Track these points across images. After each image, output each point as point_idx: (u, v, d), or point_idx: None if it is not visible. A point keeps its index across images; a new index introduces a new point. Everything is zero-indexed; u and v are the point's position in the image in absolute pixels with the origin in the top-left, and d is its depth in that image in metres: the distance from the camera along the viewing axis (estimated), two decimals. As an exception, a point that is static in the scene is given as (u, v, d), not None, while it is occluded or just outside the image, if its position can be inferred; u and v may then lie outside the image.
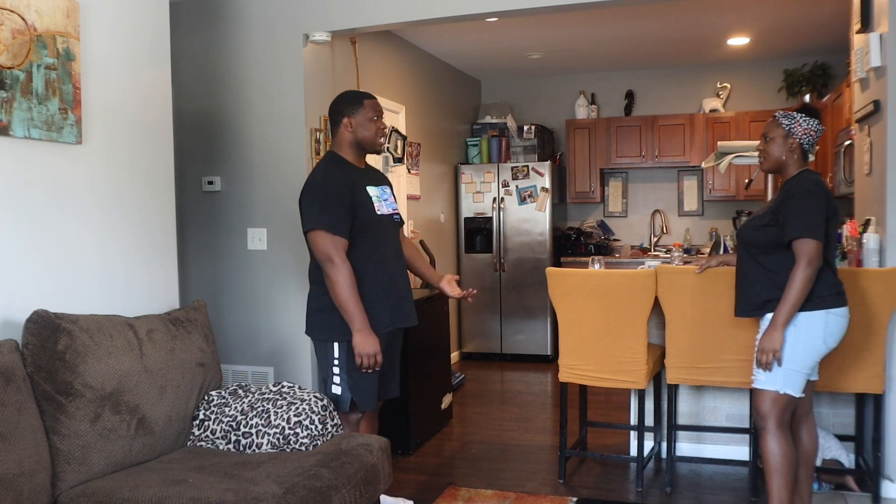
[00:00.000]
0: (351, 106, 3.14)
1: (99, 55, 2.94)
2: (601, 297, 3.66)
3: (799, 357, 2.89)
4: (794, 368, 2.89)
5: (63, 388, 2.46)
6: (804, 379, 2.93)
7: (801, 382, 2.92)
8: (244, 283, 4.33)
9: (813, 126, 2.96)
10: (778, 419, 2.93)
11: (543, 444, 4.57)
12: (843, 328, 2.93)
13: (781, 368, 2.88)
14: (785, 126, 2.97)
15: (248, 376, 4.30)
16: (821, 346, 2.90)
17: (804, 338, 2.88)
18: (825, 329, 2.88)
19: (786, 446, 2.93)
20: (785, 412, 2.94)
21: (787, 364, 2.88)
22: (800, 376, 2.91)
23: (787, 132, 2.96)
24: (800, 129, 2.95)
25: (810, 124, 2.95)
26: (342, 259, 2.96)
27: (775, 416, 2.92)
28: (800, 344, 2.88)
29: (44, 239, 2.70)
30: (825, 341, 2.89)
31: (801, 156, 2.98)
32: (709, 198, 7.24)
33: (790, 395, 2.91)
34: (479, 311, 7.24)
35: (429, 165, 6.61)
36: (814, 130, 2.96)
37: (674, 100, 7.42)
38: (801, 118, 2.96)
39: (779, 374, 2.90)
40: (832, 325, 2.89)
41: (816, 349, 2.91)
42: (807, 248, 2.79)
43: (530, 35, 6.08)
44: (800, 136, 2.95)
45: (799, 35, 6.16)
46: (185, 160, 4.31)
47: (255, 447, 2.81)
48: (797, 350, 2.88)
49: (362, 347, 2.97)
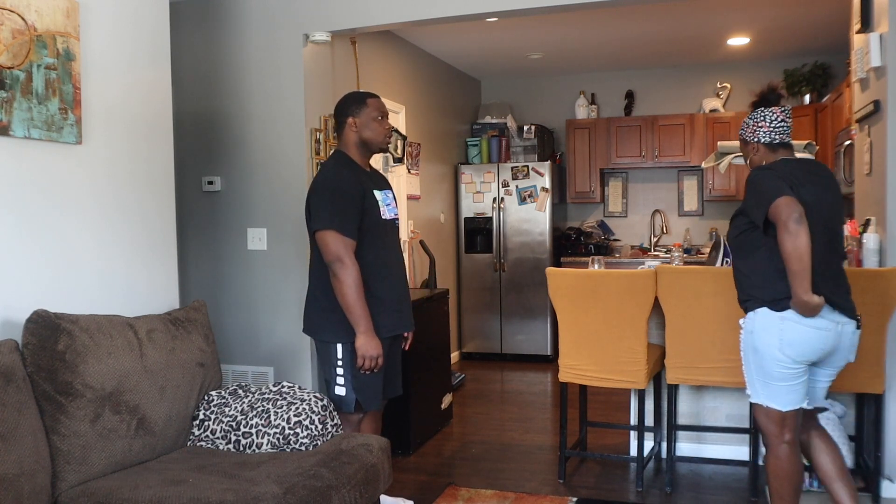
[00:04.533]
0: (355, 106, 3.14)
1: (99, 55, 2.94)
2: (601, 297, 3.66)
3: (765, 365, 2.73)
4: (764, 379, 2.76)
5: (63, 388, 2.46)
6: (785, 392, 2.73)
7: (783, 395, 2.74)
8: (244, 283, 4.33)
9: (764, 120, 2.85)
10: (774, 434, 2.78)
11: (543, 444, 4.57)
12: (806, 338, 2.66)
13: (758, 379, 2.77)
14: (741, 136, 2.96)
15: (248, 376, 4.30)
16: (777, 354, 2.69)
17: (758, 343, 2.73)
18: (780, 336, 2.68)
19: (785, 463, 2.77)
20: (782, 427, 2.77)
21: (756, 374, 2.77)
22: (776, 389, 2.73)
23: (744, 141, 2.95)
24: (750, 132, 2.89)
25: (759, 119, 2.86)
26: (352, 260, 2.95)
27: (772, 431, 2.79)
28: (758, 350, 2.74)
29: (44, 239, 2.70)
30: (782, 349, 2.68)
31: (766, 152, 2.87)
32: (709, 198, 7.25)
33: (776, 408, 2.76)
34: (479, 311, 7.24)
35: (429, 165, 6.61)
36: (766, 123, 2.84)
37: (674, 100, 7.42)
38: (751, 121, 2.89)
39: (758, 385, 2.79)
40: (789, 333, 2.66)
41: (774, 358, 2.70)
42: (774, 211, 2.58)
43: (530, 35, 6.08)
44: (756, 138, 2.88)
45: (799, 35, 6.16)
46: (185, 160, 4.30)
47: (255, 447, 2.81)
48: (759, 357, 2.74)
49: (365, 350, 2.97)
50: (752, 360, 2.79)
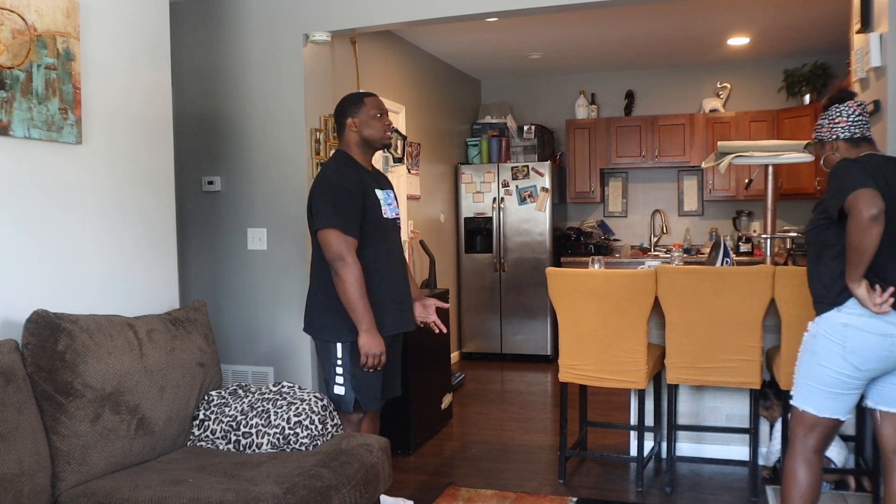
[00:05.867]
0: (353, 106, 3.15)
1: (99, 55, 2.94)
2: (601, 297, 3.66)
3: (815, 368, 2.60)
4: (810, 382, 2.62)
5: (63, 388, 2.46)
6: (828, 398, 2.58)
7: (821, 401, 2.59)
8: (244, 283, 4.33)
9: (840, 115, 2.70)
10: (799, 439, 2.65)
11: (543, 444, 4.57)
12: (869, 345, 2.50)
13: (805, 382, 2.63)
14: (818, 138, 2.79)
15: (248, 376, 4.30)
16: (840, 361, 2.53)
17: (820, 348, 2.59)
18: (843, 341, 2.53)
19: (800, 475, 2.64)
20: (808, 434, 2.63)
21: (804, 376, 2.64)
22: (819, 393, 2.59)
23: (821, 142, 2.78)
24: (826, 131, 2.73)
25: (835, 116, 2.72)
26: (354, 259, 2.96)
27: (798, 435, 2.66)
28: (817, 354, 2.60)
29: (44, 239, 2.70)
30: (845, 357, 2.52)
31: (847, 148, 2.69)
32: (709, 198, 7.24)
33: (811, 412, 2.62)
34: (479, 311, 7.24)
35: (429, 165, 6.61)
36: (843, 118, 2.69)
37: (674, 100, 7.42)
38: (825, 121, 2.75)
39: (802, 387, 2.65)
40: (851, 340, 2.51)
41: (836, 365, 2.54)
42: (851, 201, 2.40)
43: (530, 35, 6.08)
44: (835, 135, 2.72)
45: (799, 35, 6.16)
46: (185, 160, 4.30)
47: (255, 447, 2.81)
48: (816, 360, 2.60)
49: (369, 347, 2.97)
50: (806, 362, 2.65)
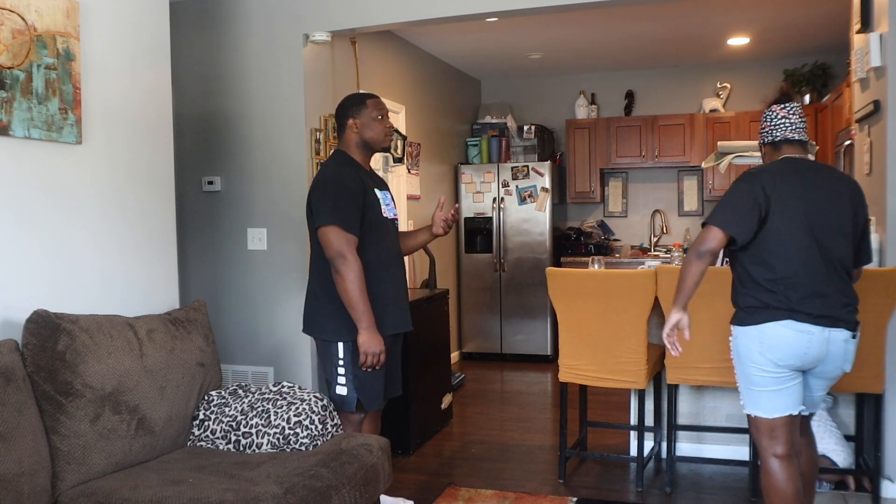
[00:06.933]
0: (354, 108, 3.15)
1: (99, 55, 2.94)
2: (601, 297, 3.66)
3: (747, 371, 2.68)
4: (750, 387, 2.69)
5: (63, 388, 2.46)
6: (771, 398, 2.65)
7: (765, 401, 2.66)
8: (244, 283, 4.33)
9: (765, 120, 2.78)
10: (764, 448, 2.69)
11: (543, 444, 4.57)
12: (788, 339, 2.59)
13: (744, 387, 2.71)
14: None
15: (248, 376, 4.30)
16: (757, 357, 2.63)
17: (741, 347, 2.69)
18: (760, 337, 2.62)
19: (775, 480, 2.65)
20: (772, 439, 2.66)
21: (741, 381, 2.72)
22: (760, 395, 2.66)
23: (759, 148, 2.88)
24: (760, 138, 2.83)
25: (763, 121, 2.80)
26: (355, 257, 2.95)
27: (761, 444, 2.70)
28: (741, 355, 2.69)
29: (44, 239, 2.70)
30: (763, 353, 2.62)
31: (771, 152, 2.78)
32: (709, 198, 7.24)
33: (762, 417, 2.67)
34: (479, 311, 7.24)
35: (429, 165, 6.61)
36: (767, 122, 2.77)
37: (674, 100, 7.42)
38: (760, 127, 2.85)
39: (744, 393, 2.73)
40: (770, 338, 2.60)
41: (755, 362, 2.64)
42: (703, 234, 2.61)
43: (530, 35, 6.08)
44: (762, 140, 2.82)
45: (799, 35, 6.16)
46: (185, 160, 4.30)
47: (255, 447, 2.82)
48: (742, 363, 2.70)
49: (368, 346, 2.96)
50: (738, 367, 2.73)
